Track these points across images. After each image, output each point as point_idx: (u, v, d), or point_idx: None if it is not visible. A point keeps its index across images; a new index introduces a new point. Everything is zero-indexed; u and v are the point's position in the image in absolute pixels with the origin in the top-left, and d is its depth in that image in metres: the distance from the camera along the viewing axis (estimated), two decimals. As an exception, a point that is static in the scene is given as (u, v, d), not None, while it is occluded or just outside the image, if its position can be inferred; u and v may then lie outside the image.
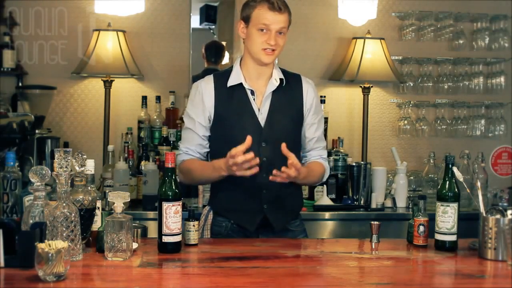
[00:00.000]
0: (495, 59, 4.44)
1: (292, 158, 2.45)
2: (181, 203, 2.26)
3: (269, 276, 2.04)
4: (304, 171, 2.54)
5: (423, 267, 2.28)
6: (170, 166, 2.27)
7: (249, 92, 2.64)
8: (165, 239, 2.24)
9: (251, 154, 2.39)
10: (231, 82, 2.65)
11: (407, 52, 4.39)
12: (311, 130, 2.72)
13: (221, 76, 2.69)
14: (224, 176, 2.52)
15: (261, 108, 2.64)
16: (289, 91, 2.68)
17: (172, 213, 2.23)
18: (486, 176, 3.92)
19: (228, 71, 2.70)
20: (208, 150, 2.71)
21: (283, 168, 2.43)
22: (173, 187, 2.25)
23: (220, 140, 2.66)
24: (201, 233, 2.70)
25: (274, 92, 2.65)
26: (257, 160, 2.41)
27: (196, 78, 4.21)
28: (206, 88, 2.65)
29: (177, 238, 2.25)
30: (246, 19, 2.60)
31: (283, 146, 2.46)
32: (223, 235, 2.68)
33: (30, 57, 4.09)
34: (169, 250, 2.25)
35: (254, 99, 2.65)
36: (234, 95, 2.64)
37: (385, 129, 4.45)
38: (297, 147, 2.74)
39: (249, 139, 2.41)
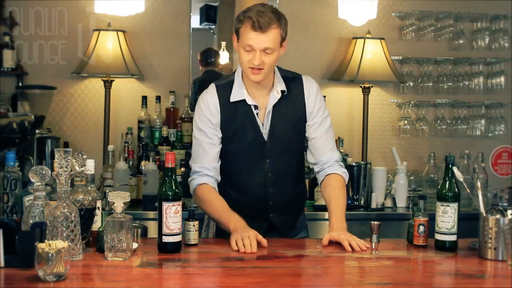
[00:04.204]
0: (495, 59, 4.44)
1: (350, 245, 2.37)
2: (181, 203, 2.26)
3: (269, 276, 2.04)
4: (342, 218, 2.53)
5: (423, 267, 2.28)
6: (170, 166, 2.27)
7: (252, 108, 2.58)
8: (165, 239, 2.24)
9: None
10: (234, 97, 2.57)
11: (407, 52, 4.39)
12: (313, 129, 2.65)
13: (224, 89, 2.59)
14: (227, 228, 2.44)
15: (265, 123, 2.60)
16: (290, 99, 2.61)
17: (172, 213, 2.23)
18: (486, 176, 3.92)
19: (230, 83, 2.60)
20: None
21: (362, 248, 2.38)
22: (173, 187, 2.25)
23: (227, 156, 2.62)
24: (206, 229, 2.71)
25: (276, 104, 2.58)
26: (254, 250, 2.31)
27: (197, 81, 4.24)
28: (212, 102, 2.58)
29: (177, 238, 2.25)
30: (236, 34, 2.51)
31: (325, 242, 2.42)
32: (228, 233, 2.67)
33: (30, 57, 4.09)
34: (169, 250, 2.25)
35: (257, 113, 2.59)
36: (238, 111, 2.57)
37: (385, 129, 4.45)
38: (301, 152, 2.75)
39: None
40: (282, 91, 2.59)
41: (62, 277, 1.89)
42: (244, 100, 2.58)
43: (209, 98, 2.59)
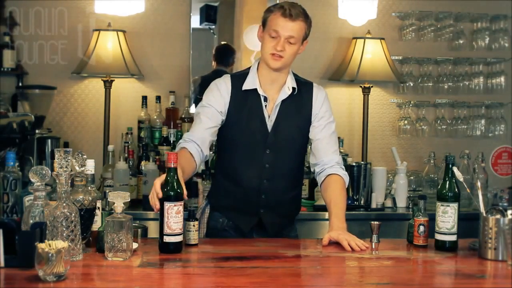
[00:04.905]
0: (495, 59, 4.44)
1: (350, 246, 2.38)
2: (182, 203, 2.26)
3: (269, 276, 2.04)
4: (342, 218, 2.52)
5: (423, 267, 2.28)
6: (172, 166, 2.26)
7: (262, 98, 2.65)
8: (167, 239, 2.24)
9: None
10: (246, 86, 2.65)
11: (407, 52, 4.40)
12: (317, 130, 2.69)
13: (238, 79, 2.68)
14: None
15: (271, 115, 2.65)
16: (299, 100, 2.68)
17: (174, 213, 2.23)
18: (486, 176, 3.92)
19: (244, 74, 2.70)
20: (213, 139, 2.65)
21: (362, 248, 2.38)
22: (175, 187, 2.24)
23: (228, 143, 2.69)
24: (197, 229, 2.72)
25: (285, 100, 2.66)
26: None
27: (205, 78, 4.24)
28: (225, 87, 2.66)
29: (179, 238, 2.25)
30: (263, 24, 2.63)
31: (325, 242, 2.42)
32: (219, 229, 2.71)
33: (30, 57, 4.09)
34: (170, 250, 2.24)
35: (266, 105, 2.65)
36: (247, 99, 2.65)
37: (385, 129, 4.45)
38: (302, 154, 2.76)
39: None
40: (293, 88, 2.66)
41: (62, 277, 1.89)
42: (255, 90, 2.65)
43: (222, 83, 2.68)
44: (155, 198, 2.24)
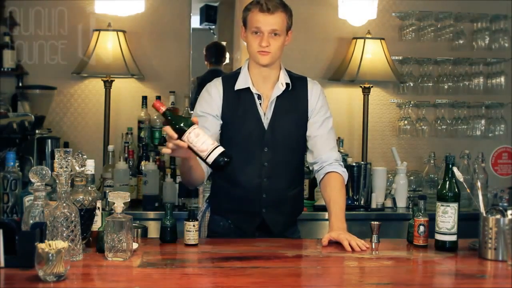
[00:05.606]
0: (495, 59, 4.44)
1: (351, 246, 2.37)
2: (194, 127, 2.22)
3: (269, 276, 2.04)
4: (342, 218, 2.52)
5: (423, 267, 2.28)
6: (163, 110, 2.24)
7: (256, 97, 2.64)
8: (209, 158, 2.23)
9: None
10: (239, 85, 2.64)
11: (407, 52, 4.40)
12: (315, 127, 2.66)
13: (229, 79, 2.67)
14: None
15: (267, 113, 2.64)
16: (294, 95, 2.66)
17: (194, 137, 2.21)
18: (486, 176, 3.92)
19: (236, 74, 2.68)
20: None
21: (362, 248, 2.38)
22: (178, 121, 2.22)
23: (225, 144, 2.63)
24: (198, 230, 2.71)
25: (279, 96, 2.64)
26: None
27: (201, 79, 4.25)
28: (216, 90, 2.64)
29: (217, 152, 2.24)
30: (244, 24, 2.61)
31: (324, 242, 2.42)
32: (220, 233, 2.69)
33: (30, 57, 4.09)
34: (220, 164, 2.25)
35: (260, 103, 2.64)
36: (241, 99, 2.63)
37: (385, 129, 4.45)
38: (301, 151, 2.74)
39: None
40: (287, 84, 2.65)
41: (62, 277, 1.89)
42: (248, 89, 2.63)
43: (213, 87, 2.66)
44: (178, 142, 2.22)
